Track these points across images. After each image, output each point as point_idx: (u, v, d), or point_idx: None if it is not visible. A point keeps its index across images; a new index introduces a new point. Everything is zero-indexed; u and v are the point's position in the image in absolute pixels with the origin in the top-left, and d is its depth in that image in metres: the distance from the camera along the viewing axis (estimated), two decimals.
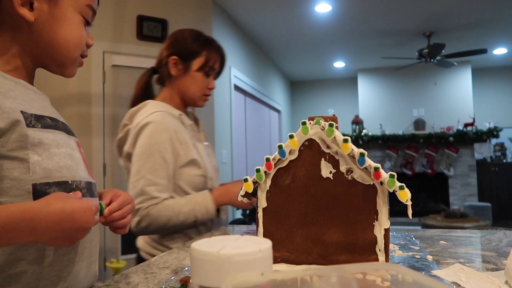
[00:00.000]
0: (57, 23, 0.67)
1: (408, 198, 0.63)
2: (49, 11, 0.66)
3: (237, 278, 0.29)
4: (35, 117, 0.64)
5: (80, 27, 0.70)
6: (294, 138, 0.68)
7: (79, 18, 0.69)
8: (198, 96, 1.31)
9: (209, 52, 1.30)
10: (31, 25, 0.65)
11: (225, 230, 1.21)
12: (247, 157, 4.84)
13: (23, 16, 0.63)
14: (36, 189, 0.60)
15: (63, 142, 0.67)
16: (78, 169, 0.68)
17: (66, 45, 0.69)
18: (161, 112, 1.20)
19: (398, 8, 4.08)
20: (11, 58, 0.67)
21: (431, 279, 0.28)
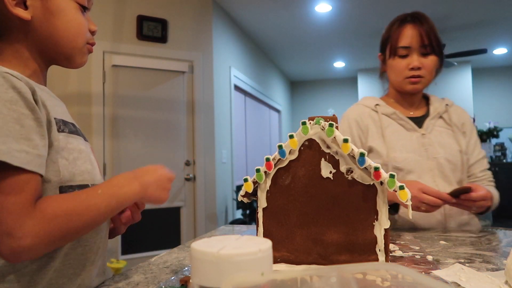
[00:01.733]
0: (53, 15, 0.66)
1: (408, 198, 0.63)
2: (43, 6, 0.65)
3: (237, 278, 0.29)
4: (63, 122, 0.66)
5: (76, 15, 0.69)
6: (294, 138, 0.68)
7: (74, 5, 0.69)
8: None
9: None
10: (29, 24, 0.65)
11: (225, 230, 1.21)
12: (247, 157, 4.84)
13: (19, 16, 0.63)
14: (62, 192, 0.62)
15: (83, 147, 0.69)
16: (96, 173, 0.70)
17: (67, 36, 0.68)
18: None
19: (398, 8, 4.08)
20: (27, 62, 0.68)
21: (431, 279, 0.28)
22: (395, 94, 1.33)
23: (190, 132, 3.33)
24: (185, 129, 3.31)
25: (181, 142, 3.28)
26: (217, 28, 3.67)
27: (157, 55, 3.16)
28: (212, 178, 3.46)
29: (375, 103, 1.32)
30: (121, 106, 3.02)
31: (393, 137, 1.23)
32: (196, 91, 3.36)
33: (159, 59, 3.17)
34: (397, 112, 1.26)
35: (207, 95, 3.45)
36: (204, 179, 3.36)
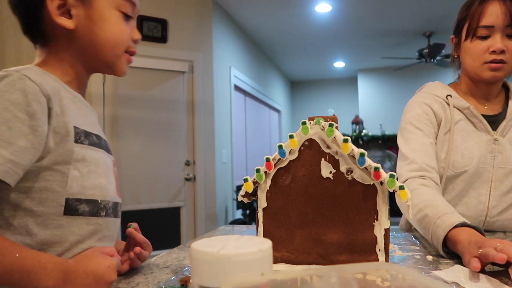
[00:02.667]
0: (96, 24, 0.67)
1: (409, 198, 0.63)
2: (86, 15, 0.66)
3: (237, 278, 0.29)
4: (85, 133, 0.66)
5: (119, 23, 0.69)
6: (294, 138, 0.68)
7: (117, 14, 0.69)
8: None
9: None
10: (73, 32, 0.66)
11: (225, 230, 1.21)
12: (247, 157, 4.84)
13: (63, 25, 0.65)
14: (68, 204, 0.62)
15: (102, 161, 0.68)
16: (110, 189, 0.69)
17: (108, 44, 0.69)
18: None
19: (398, 8, 4.08)
20: (68, 69, 0.69)
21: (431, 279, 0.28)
22: (468, 83, 1.13)
23: (190, 132, 3.33)
24: (185, 129, 3.31)
25: (181, 142, 3.28)
26: (217, 28, 3.67)
27: (157, 55, 3.16)
28: (212, 178, 3.46)
29: (447, 93, 1.12)
30: (121, 106, 3.02)
31: (460, 136, 1.07)
32: (196, 91, 3.36)
33: (159, 59, 3.17)
34: (471, 107, 1.07)
35: (207, 95, 3.45)
36: (204, 179, 3.36)
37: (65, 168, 0.61)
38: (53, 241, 0.61)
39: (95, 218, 0.65)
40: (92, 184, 0.65)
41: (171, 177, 3.20)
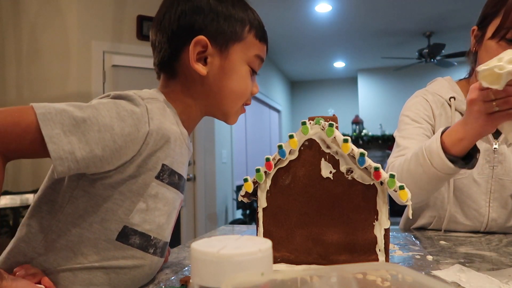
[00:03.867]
0: (226, 75, 0.69)
1: (408, 198, 0.63)
2: (220, 65, 0.69)
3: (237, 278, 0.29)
4: (169, 172, 0.66)
5: (247, 78, 0.72)
6: (294, 138, 0.68)
7: (246, 69, 0.71)
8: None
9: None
10: (203, 78, 0.68)
11: (225, 230, 1.21)
12: (247, 157, 4.84)
13: (198, 71, 0.67)
14: (124, 231, 0.62)
15: (171, 202, 0.68)
16: (167, 228, 0.69)
17: (232, 97, 0.71)
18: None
19: (398, 8, 4.08)
20: (187, 108, 0.71)
21: (431, 279, 0.28)
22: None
23: None
24: None
25: None
26: None
27: None
28: (212, 178, 3.46)
29: (451, 94, 1.07)
30: None
31: None
32: None
33: None
34: None
35: None
36: (204, 179, 3.36)
37: (136, 199, 0.62)
38: (93, 257, 0.61)
39: (142, 253, 0.65)
40: (152, 221, 0.65)
41: None
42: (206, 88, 0.70)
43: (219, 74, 0.69)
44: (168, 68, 0.71)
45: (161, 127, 0.63)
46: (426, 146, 0.85)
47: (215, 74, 0.69)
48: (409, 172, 0.90)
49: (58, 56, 2.93)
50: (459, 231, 1.07)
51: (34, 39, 2.98)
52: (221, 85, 0.70)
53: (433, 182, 0.88)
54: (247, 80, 0.72)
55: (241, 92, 0.72)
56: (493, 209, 1.03)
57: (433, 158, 0.83)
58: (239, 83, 0.71)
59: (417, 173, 0.88)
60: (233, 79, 0.70)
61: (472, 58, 1.07)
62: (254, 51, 0.71)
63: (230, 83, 0.70)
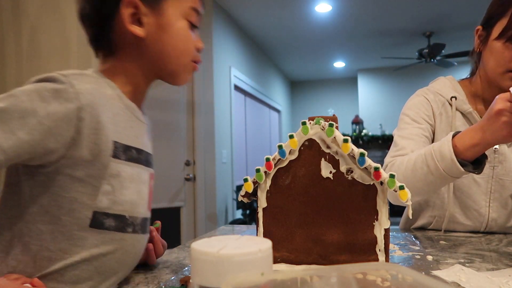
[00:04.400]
0: (164, 32, 0.67)
1: (409, 198, 0.63)
2: (156, 23, 0.67)
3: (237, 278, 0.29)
4: (124, 148, 0.65)
5: (186, 33, 0.70)
6: (294, 138, 0.68)
7: (184, 24, 0.69)
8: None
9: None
10: (142, 41, 0.67)
11: (225, 230, 1.21)
12: (247, 157, 4.84)
13: (134, 33, 0.65)
14: (95, 217, 0.61)
15: (137, 177, 0.67)
16: (140, 204, 0.68)
17: (175, 53, 0.69)
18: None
19: (398, 8, 4.08)
20: (131, 79, 0.69)
21: (431, 279, 0.28)
22: (482, 84, 1.05)
23: (190, 132, 3.33)
24: (185, 129, 3.31)
25: (181, 142, 3.28)
26: (217, 28, 3.67)
27: None
28: (212, 178, 3.46)
29: (452, 94, 1.06)
30: None
31: None
32: (196, 91, 3.36)
33: None
34: (474, 113, 1.03)
35: (207, 95, 3.45)
36: (204, 179, 3.36)
37: (98, 182, 0.61)
38: (73, 251, 0.60)
39: (120, 234, 0.64)
40: (122, 200, 0.64)
41: (171, 177, 3.20)
42: (147, 50, 0.68)
43: (157, 33, 0.67)
44: (103, 42, 0.68)
45: (95, 101, 0.60)
46: (435, 148, 0.85)
47: (153, 33, 0.67)
48: (413, 172, 0.89)
49: (58, 56, 2.92)
50: (459, 231, 1.07)
51: (34, 39, 2.98)
52: (162, 44, 0.68)
53: (436, 183, 0.87)
54: (187, 34, 0.70)
55: (183, 47, 0.70)
56: (493, 209, 1.03)
57: (443, 161, 0.82)
58: (179, 38, 0.69)
59: (422, 174, 0.87)
60: (172, 35, 0.68)
61: (476, 58, 1.06)
62: (187, 4, 0.69)
63: (170, 40, 0.68)
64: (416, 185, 0.88)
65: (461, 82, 1.12)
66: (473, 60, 1.09)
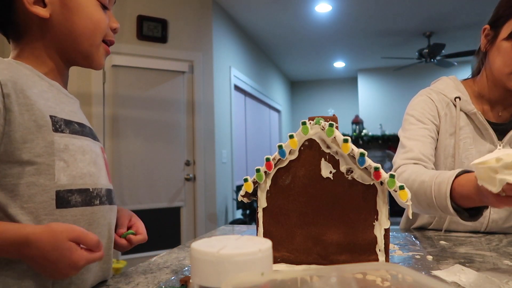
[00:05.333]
0: (71, 11, 0.65)
1: (408, 198, 0.63)
2: (62, 2, 0.64)
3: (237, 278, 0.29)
4: (64, 122, 0.63)
5: (95, 11, 0.67)
6: (294, 138, 0.68)
7: (93, 2, 0.67)
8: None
9: None
10: (47, 22, 0.64)
11: (225, 230, 1.21)
12: (247, 157, 4.84)
13: (37, 14, 0.62)
14: (59, 196, 0.60)
15: (88, 149, 0.66)
16: (100, 176, 0.67)
17: (86, 33, 0.66)
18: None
19: (398, 8, 4.08)
20: (45, 60, 0.67)
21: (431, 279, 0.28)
22: (487, 85, 1.03)
23: (190, 132, 3.33)
24: (185, 129, 3.31)
25: (181, 142, 3.28)
26: (217, 28, 3.67)
27: (157, 55, 3.16)
28: (212, 178, 3.46)
29: (456, 94, 1.05)
30: (121, 106, 3.02)
31: (463, 143, 1.01)
32: (196, 91, 3.36)
33: (159, 59, 3.17)
34: (478, 113, 1.01)
35: (207, 95, 3.45)
36: (204, 179, 3.36)
37: (49, 160, 0.59)
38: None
39: (89, 208, 0.63)
40: (81, 173, 0.63)
41: (171, 177, 3.20)
42: (54, 32, 0.65)
43: (64, 13, 0.64)
44: (8, 25, 0.65)
45: (15, 77, 0.58)
46: (436, 182, 0.82)
47: (58, 14, 0.64)
48: (415, 194, 0.88)
49: None
50: (459, 231, 1.07)
51: None
52: (70, 24, 0.65)
53: (435, 212, 0.87)
54: (96, 12, 0.67)
55: (93, 26, 0.67)
56: (494, 210, 1.03)
57: (439, 198, 0.80)
58: (88, 17, 0.66)
59: (422, 200, 0.87)
60: (80, 14, 0.65)
61: (481, 58, 1.05)
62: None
63: (78, 19, 0.65)
64: (416, 205, 0.90)
65: (464, 82, 1.11)
66: (478, 59, 1.08)
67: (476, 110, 1.02)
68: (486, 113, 1.05)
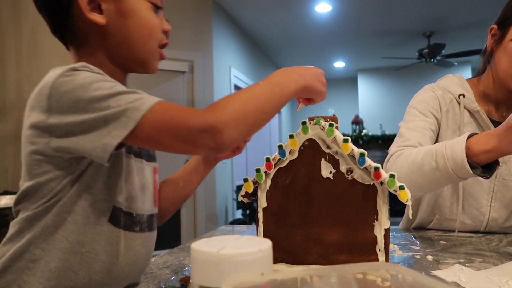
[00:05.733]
0: (127, 17, 0.64)
1: (409, 198, 0.63)
2: (117, 9, 0.63)
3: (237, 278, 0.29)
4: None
5: (150, 15, 0.66)
6: (294, 138, 0.68)
7: (147, 6, 0.65)
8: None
9: None
10: (105, 29, 0.63)
11: (225, 230, 1.21)
12: (247, 157, 4.84)
13: (95, 21, 0.62)
14: (114, 211, 0.61)
15: (140, 172, 0.67)
16: (145, 201, 0.68)
17: (141, 39, 0.66)
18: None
19: (398, 8, 4.08)
20: (106, 68, 0.65)
21: (431, 279, 0.28)
22: (491, 84, 1.03)
23: None
24: None
25: None
26: (217, 28, 3.67)
27: None
28: (212, 178, 3.46)
29: (460, 91, 1.05)
30: None
31: None
32: (196, 91, 3.35)
33: None
34: (481, 111, 1.02)
35: (207, 95, 3.45)
36: (204, 179, 3.36)
37: (116, 177, 0.61)
38: (89, 247, 0.59)
39: (128, 233, 0.64)
40: (130, 196, 0.63)
41: None
42: (111, 39, 0.64)
43: (120, 19, 0.63)
44: (67, 34, 0.65)
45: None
46: (448, 146, 0.83)
47: (115, 20, 0.63)
48: (420, 166, 0.87)
49: (58, 56, 2.92)
50: (459, 230, 1.07)
51: (34, 39, 2.98)
52: (126, 30, 0.64)
53: (440, 181, 0.86)
54: (151, 16, 0.66)
55: (148, 31, 0.66)
56: (494, 209, 1.03)
57: (454, 160, 0.80)
58: (143, 22, 0.65)
59: (428, 169, 0.85)
60: (135, 19, 0.64)
61: (487, 57, 1.05)
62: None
63: (133, 25, 0.64)
64: (419, 179, 0.87)
65: (470, 80, 1.11)
66: (484, 59, 1.08)
67: (479, 108, 1.02)
68: (490, 113, 1.05)
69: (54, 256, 0.58)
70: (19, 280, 0.58)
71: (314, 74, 0.66)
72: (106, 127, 0.52)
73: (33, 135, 0.57)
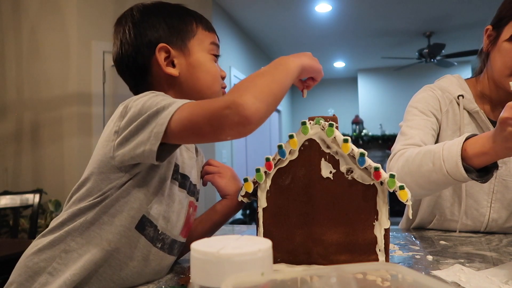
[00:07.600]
0: (196, 68, 0.76)
1: (409, 198, 0.63)
2: (187, 62, 0.75)
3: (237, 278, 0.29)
4: (181, 175, 0.73)
5: (212, 65, 0.78)
6: (294, 138, 0.68)
7: (209, 57, 0.78)
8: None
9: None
10: (177, 79, 0.75)
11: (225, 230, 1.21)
12: (247, 157, 4.84)
13: (171, 74, 0.74)
14: (141, 220, 0.66)
15: (180, 200, 0.73)
16: (176, 226, 0.73)
17: (207, 84, 0.77)
18: None
19: (398, 8, 4.08)
20: None
21: (431, 279, 0.28)
22: (487, 84, 1.04)
23: None
24: None
25: None
26: (217, 28, 3.66)
27: None
28: None
29: (459, 92, 1.05)
30: None
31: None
32: None
33: None
34: (480, 112, 1.02)
35: None
36: None
37: (156, 192, 0.68)
38: (117, 248, 0.65)
39: (149, 246, 0.68)
40: (163, 215, 0.69)
41: None
42: (182, 86, 0.76)
43: (189, 70, 0.75)
44: (143, 86, 0.76)
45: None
46: (445, 147, 0.81)
47: (185, 71, 0.75)
48: (419, 166, 0.86)
49: (58, 56, 2.92)
50: (460, 230, 1.07)
51: (34, 39, 2.98)
52: (194, 78, 0.76)
53: (438, 183, 0.85)
54: (213, 66, 0.78)
55: (213, 78, 0.78)
56: (494, 209, 1.03)
57: (449, 162, 0.79)
58: (208, 70, 0.77)
59: (426, 170, 0.84)
60: (202, 69, 0.76)
61: (483, 58, 1.05)
62: (208, 40, 0.79)
63: (201, 74, 0.76)
64: (419, 180, 0.86)
65: (468, 81, 1.11)
66: (480, 60, 1.08)
67: (479, 109, 1.02)
68: (488, 113, 1.05)
69: (86, 250, 0.64)
70: (49, 268, 0.64)
71: (305, 54, 0.74)
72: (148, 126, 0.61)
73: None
